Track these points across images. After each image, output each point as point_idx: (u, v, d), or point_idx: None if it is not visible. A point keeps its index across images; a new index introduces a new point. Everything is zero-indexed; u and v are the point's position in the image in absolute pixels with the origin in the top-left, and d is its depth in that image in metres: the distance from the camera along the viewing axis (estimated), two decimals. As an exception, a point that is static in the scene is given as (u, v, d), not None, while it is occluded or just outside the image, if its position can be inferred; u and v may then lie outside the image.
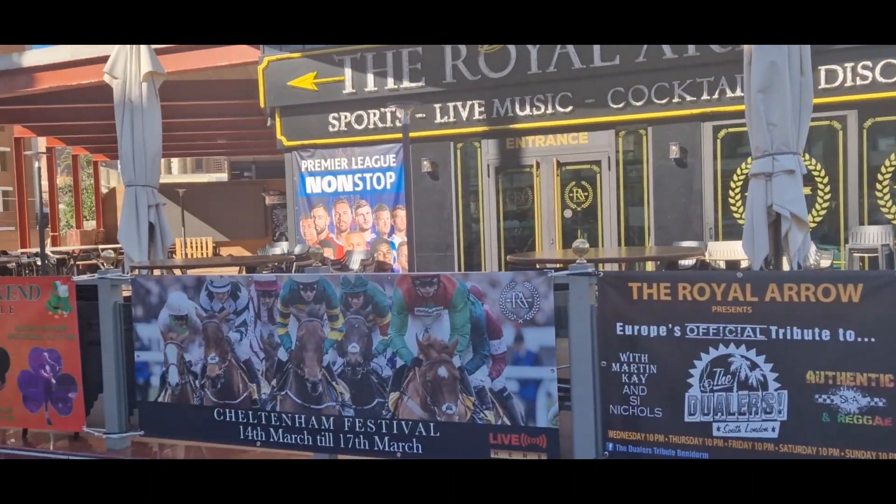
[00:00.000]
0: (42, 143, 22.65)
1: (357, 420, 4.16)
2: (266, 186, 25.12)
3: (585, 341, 3.75)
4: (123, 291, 4.91)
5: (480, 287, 3.89)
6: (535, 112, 11.45)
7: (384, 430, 4.10)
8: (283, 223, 24.05)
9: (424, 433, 4.01)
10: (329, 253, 13.27)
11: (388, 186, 12.79)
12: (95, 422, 4.92)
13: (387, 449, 4.10)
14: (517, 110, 11.57)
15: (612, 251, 9.93)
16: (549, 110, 11.35)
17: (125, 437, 4.82)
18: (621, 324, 3.67)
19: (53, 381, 4.91)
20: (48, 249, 18.09)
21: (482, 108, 11.78)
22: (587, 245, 4.01)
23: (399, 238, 12.74)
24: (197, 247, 23.32)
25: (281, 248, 17.03)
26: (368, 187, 12.92)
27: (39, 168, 15.50)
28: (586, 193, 11.49)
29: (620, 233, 11.26)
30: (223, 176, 43.81)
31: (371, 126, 12.49)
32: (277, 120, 13.03)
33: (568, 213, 11.66)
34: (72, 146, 23.80)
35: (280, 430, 4.34)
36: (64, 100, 16.02)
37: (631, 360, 3.64)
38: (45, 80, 14.51)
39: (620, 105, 10.90)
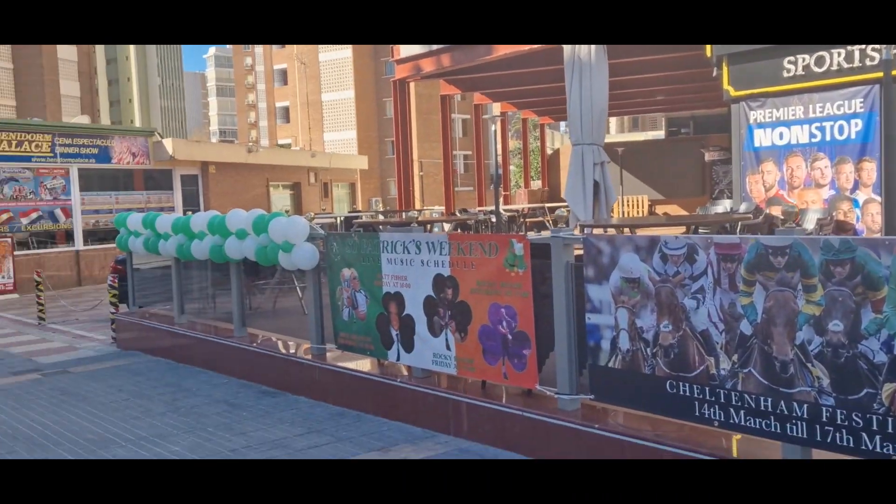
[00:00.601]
0: (496, 108, 24.52)
1: (838, 411, 3.51)
2: (705, 142, 24.13)
3: None
4: (575, 251, 4.83)
5: None
6: None
7: (875, 427, 3.40)
8: (722, 180, 22.95)
9: (931, 437, 3.24)
10: (778, 212, 12.14)
11: (853, 136, 11.20)
12: (546, 380, 4.95)
13: (877, 449, 3.40)
14: None
15: None
16: None
17: (575, 399, 4.76)
18: None
19: (510, 336, 5.04)
20: (501, 208, 19.56)
21: (984, 36, 9.62)
22: None
23: (864, 195, 11.13)
24: (633, 205, 23.35)
25: (723, 206, 16.17)
26: (828, 138, 11.46)
27: (495, 131, 16.72)
28: None
29: None
30: (660, 133, 43.44)
31: (834, 68, 11.00)
32: (724, 69, 12.17)
33: None
34: (521, 110, 25.39)
35: (742, 412, 3.87)
36: (516, 66, 16.97)
37: None
38: (501, 48, 15.44)
39: None
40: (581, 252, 4.71)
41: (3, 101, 50.46)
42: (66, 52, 55.39)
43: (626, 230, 8.71)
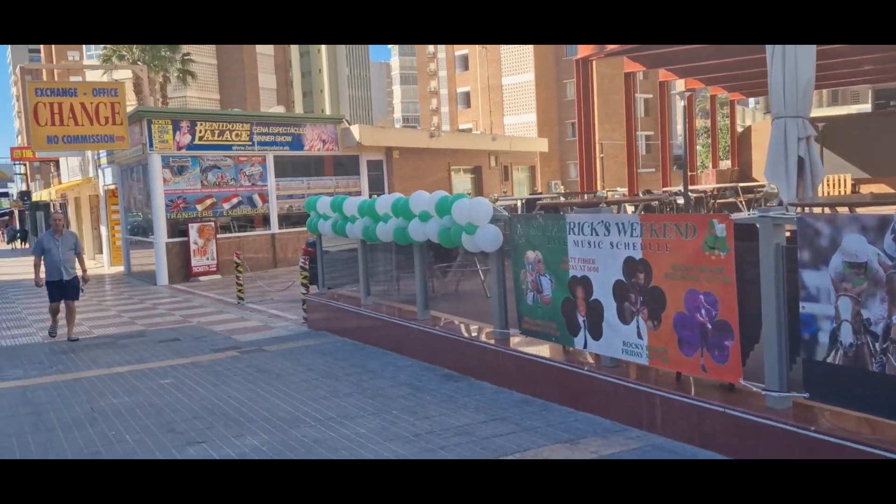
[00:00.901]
0: (680, 85, 23.39)
1: None
2: (923, 114, 21.80)
3: None
4: (786, 232, 4.35)
5: None
6: None
7: None
8: (943, 155, 20.64)
9: None
10: None
11: None
12: (750, 374, 4.51)
13: None
14: None
15: None
16: None
17: (787, 398, 4.29)
18: None
19: (709, 326, 4.63)
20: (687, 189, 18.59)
21: None
22: None
23: None
24: (834, 185, 21.54)
25: (946, 184, 14.49)
26: None
27: (685, 106, 15.80)
28: None
29: None
30: (864, 106, 39.98)
31: None
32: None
33: None
34: (709, 86, 24.06)
35: None
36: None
37: None
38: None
39: None
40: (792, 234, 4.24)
41: (209, 94, 54.47)
42: (264, 48, 58.87)
43: (844, 209, 7.90)
